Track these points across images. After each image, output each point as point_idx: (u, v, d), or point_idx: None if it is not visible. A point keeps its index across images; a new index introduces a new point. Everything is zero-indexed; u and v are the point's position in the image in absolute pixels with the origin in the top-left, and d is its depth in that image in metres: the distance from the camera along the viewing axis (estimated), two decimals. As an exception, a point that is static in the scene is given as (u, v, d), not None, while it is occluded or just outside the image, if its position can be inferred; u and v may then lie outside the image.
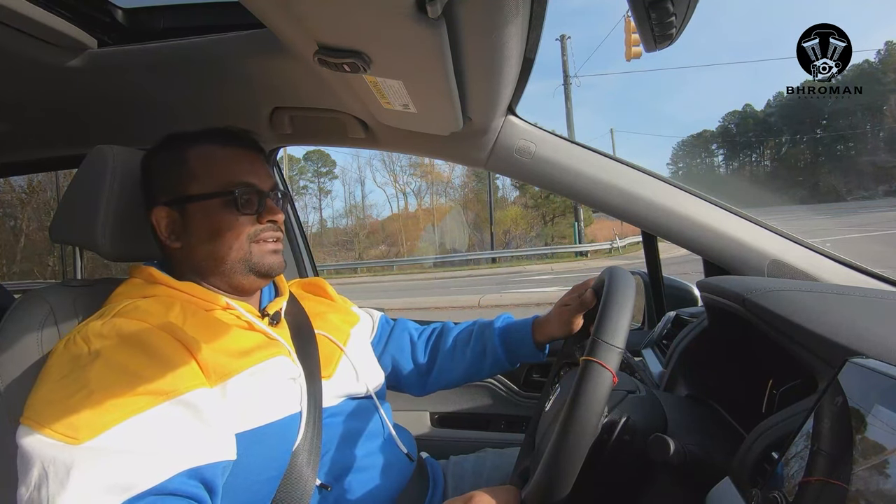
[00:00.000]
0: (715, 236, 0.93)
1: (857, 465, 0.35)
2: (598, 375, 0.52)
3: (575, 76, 17.14)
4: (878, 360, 0.40)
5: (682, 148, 60.11)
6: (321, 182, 35.21)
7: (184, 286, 0.71)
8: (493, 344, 0.92)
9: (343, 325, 0.89)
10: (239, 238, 0.73)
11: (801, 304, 0.55)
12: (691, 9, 0.45)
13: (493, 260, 17.31)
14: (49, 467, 0.51)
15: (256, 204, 0.74)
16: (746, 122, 52.93)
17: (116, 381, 0.56)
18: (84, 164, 0.77)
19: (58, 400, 0.55)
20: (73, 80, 0.91)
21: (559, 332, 0.89)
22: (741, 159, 54.72)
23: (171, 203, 0.73)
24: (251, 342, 0.70)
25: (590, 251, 16.46)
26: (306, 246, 1.51)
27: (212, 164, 0.74)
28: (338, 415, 0.77)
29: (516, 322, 0.95)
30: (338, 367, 0.80)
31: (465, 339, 0.97)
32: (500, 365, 0.93)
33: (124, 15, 0.87)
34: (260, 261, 0.74)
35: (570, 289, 0.89)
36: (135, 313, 0.64)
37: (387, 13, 0.51)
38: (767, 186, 44.94)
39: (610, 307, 0.56)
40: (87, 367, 0.57)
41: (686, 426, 0.64)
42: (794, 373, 0.59)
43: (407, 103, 0.78)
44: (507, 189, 27.11)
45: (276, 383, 0.68)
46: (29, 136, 1.20)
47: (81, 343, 0.60)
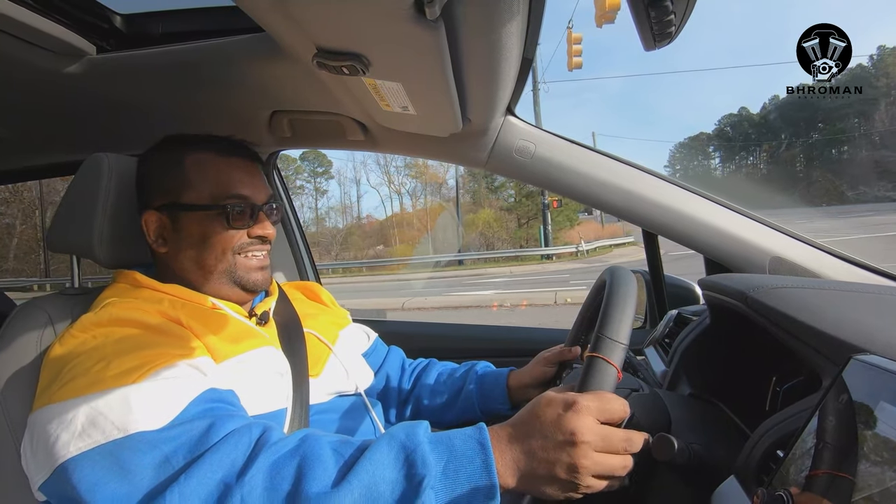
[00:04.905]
0: (716, 234, 0.93)
1: (862, 462, 0.35)
2: (602, 371, 0.51)
3: (543, 82, 17.54)
4: (882, 357, 0.40)
5: (679, 150, 61.35)
6: (317, 182, 35.59)
7: (168, 288, 0.71)
8: (470, 383, 0.93)
9: (332, 326, 0.89)
10: (224, 249, 0.73)
11: (804, 301, 0.55)
12: (690, 7, 0.45)
13: (461, 262, 17.70)
14: (98, 408, 0.51)
15: (248, 217, 0.74)
16: (742, 124, 54.65)
17: (131, 349, 0.57)
18: (80, 172, 0.77)
19: (75, 376, 0.54)
20: (71, 86, 0.91)
21: (528, 379, 0.89)
22: (737, 161, 56.22)
23: (162, 208, 0.73)
24: (239, 333, 0.70)
25: (555, 254, 17.15)
26: (306, 247, 1.51)
27: (208, 172, 0.74)
28: (326, 412, 0.76)
29: (495, 370, 0.96)
30: (326, 366, 0.80)
31: (447, 375, 0.98)
32: (471, 407, 0.91)
33: (122, 21, 0.87)
34: (245, 276, 0.74)
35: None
36: (126, 304, 0.65)
37: (385, 15, 0.51)
38: (764, 188, 45.54)
39: (612, 304, 0.56)
40: (97, 347, 0.57)
41: (690, 425, 0.64)
42: (797, 370, 0.59)
43: (406, 105, 0.78)
44: (481, 193, 27.44)
45: (263, 375, 0.68)
46: (26, 142, 1.20)
47: (80, 334, 0.60)
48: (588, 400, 0.50)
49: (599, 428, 0.49)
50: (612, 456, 0.50)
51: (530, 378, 0.89)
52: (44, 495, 0.53)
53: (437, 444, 0.49)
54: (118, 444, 0.49)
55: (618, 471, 0.50)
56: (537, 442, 0.49)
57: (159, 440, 0.49)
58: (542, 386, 0.89)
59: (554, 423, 0.49)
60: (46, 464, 0.51)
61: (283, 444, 0.50)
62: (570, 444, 0.48)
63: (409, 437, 0.50)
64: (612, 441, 0.49)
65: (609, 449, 0.49)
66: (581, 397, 0.50)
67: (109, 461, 0.48)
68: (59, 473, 0.50)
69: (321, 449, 0.49)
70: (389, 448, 0.49)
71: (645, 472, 0.59)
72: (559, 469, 0.48)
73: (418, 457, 0.48)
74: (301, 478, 0.47)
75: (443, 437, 0.51)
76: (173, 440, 0.50)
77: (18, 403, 0.65)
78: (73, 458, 0.49)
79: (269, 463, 0.48)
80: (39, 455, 0.52)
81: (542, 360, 0.90)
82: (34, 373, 0.65)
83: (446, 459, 0.48)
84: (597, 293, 0.81)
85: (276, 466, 0.48)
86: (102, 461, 0.48)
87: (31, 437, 0.54)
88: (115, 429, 0.50)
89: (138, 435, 0.49)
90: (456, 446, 0.49)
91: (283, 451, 0.49)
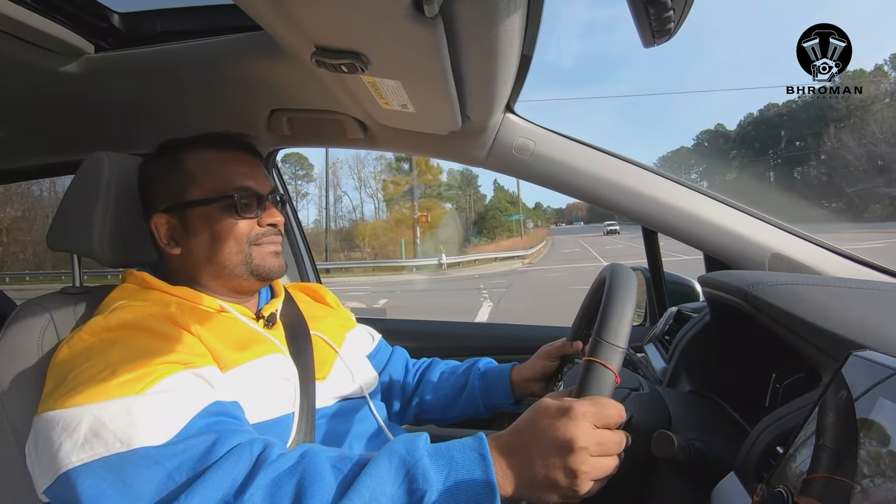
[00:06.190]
0: (715, 231, 0.93)
1: (861, 459, 0.35)
2: (600, 376, 0.52)
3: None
4: (882, 354, 0.40)
5: (662, 164, 67.66)
6: (297, 185, 36.57)
7: (177, 290, 0.71)
8: (473, 379, 0.94)
9: (339, 328, 0.89)
10: (239, 241, 0.73)
11: (804, 298, 0.55)
12: (689, 4, 0.45)
13: (328, 270, 19.44)
14: (101, 418, 0.51)
15: (256, 207, 0.74)
16: (717, 139, 60.58)
17: (137, 357, 0.56)
18: (80, 171, 0.77)
19: (81, 382, 0.54)
20: (69, 85, 0.91)
21: (530, 373, 0.90)
22: (713, 173, 61.37)
23: (170, 209, 0.73)
24: (246, 339, 0.70)
25: (417, 266, 19.08)
26: (307, 247, 1.51)
27: (210, 168, 0.74)
28: (332, 415, 0.77)
29: (498, 365, 0.97)
30: (332, 369, 0.80)
31: (449, 372, 0.98)
32: (474, 402, 0.93)
33: (121, 19, 0.87)
34: (261, 264, 0.75)
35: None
36: (135, 308, 0.65)
37: (384, 13, 0.51)
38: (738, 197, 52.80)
39: (611, 306, 0.56)
40: (104, 353, 0.57)
41: (690, 422, 0.64)
42: (797, 367, 0.59)
43: (405, 103, 0.78)
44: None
45: (269, 382, 0.68)
46: (25, 142, 1.20)
47: (88, 337, 0.60)
48: (584, 406, 0.50)
49: (596, 433, 0.50)
50: (609, 458, 0.50)
51: (532, 372, 0.90)
52: (47, 498, 0.54)
53: (438, 458, 0.50)
54: (121, 458, 0.49)
55: (614, 472, 0.51)
56: (536, 450, 0.50)
57: (162, 456, 0.49)
58: (544, 380, 0.90)
59: (551, 431, 0.50)
60: (50, 470, 0.51)
61: (283, 460, 0.50)
62: (568, 452, 0.48)
63: (409, 452, 0.50)
64: (608, 446, 0.50)
65: (606, 453, 0.50)
66: (577, 403, 0.50)
67: (112, 475, 0.48)
68: (62, 481, 0.50)
69: (321, 465, 0.50)
70: (389, 463, 0.49)
71: (646, 470, 0.59)
72: (558, 476, 0.49)
73: (419, 472, 0.48)
74: (301, 495, 0.47)
75: (442, 448, 0.51)
76: (176, 456, 0.50)
77: (20, 402, 0.65)
78: (76, 469, 0.49)
79: (268, 480, 0.48)
80: (43, 460, 0.52)
81: (544, 353, 0.90)
82: (36, 371, 0.66)
83: (447, 472, 0.48)
84: (598, 289, 0.81)
85: (276, 484, 0.48)
86: (105, 474, 0.48)
87: (35, 441, 0.54)
88: (118, 441, 0.49)
89: (142, 450, 0.49)
90: (456, 458, 0.49)
91: (282, 469, 0.50)
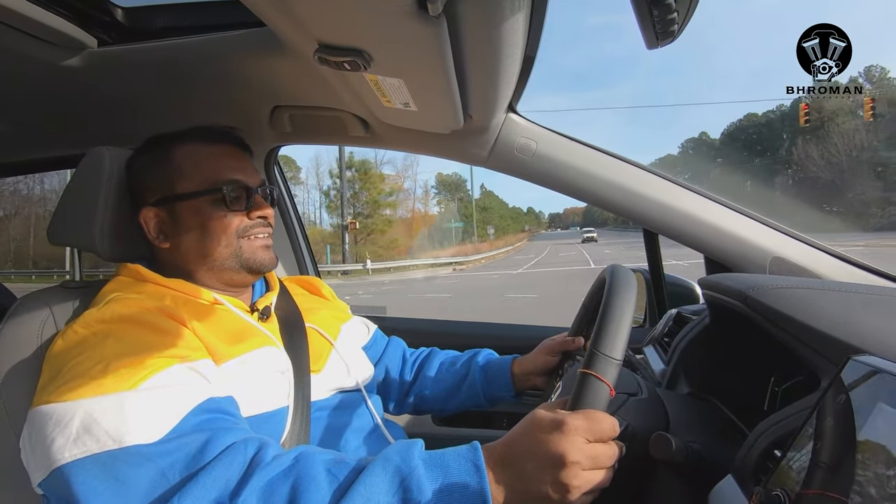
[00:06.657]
0: (716, 233, 0.93)
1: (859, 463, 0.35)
2: (595, 389, 0.51)
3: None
4: (880, 358, 0.40)
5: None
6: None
7: (172, 283, 0.71)
8: (474, 371, 0.94)
9: (334, 320, 0.89)
10: (228, 234, 0.73)
11: (804, 302, 0.55)
12: (693, 6, 0.45)
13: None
14: (93, 414, 0.50)
15: (245, 200, 0.74)
16: (701, 147, 62.83)
17: (131, 351, 0.56)
18: (81, 165, 0.77)
19: (74, 377, 0.54)
20: (72, 79, 0.91)
21: (532, 367, 0.91)
22: (698, 180, 62.75)
23: (159, 203, 0.73)
24: (240, 332, 0.70)
25: (351, 270, 20.54)
26: (306, 242, 1.51)
27: (199, 162, 0.74)
28: (327, 408, 0.77)
29: (499, 357, 0.97)
30: (328, 362, 0.80)
31: (449, 363, 0.98)
32: (475, 394, 0.93)
33: (124, 14, 0.87)
34: (251, 256, 0.75)
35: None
36: (129, 300, 0.65)
37: (387, 11, 0.51)
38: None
39: (608, 316, 0.55)
40: (97, 346, 0.57)
41: (688, 424, 0.64)
42: (796, 370, 0.59)
43: (407, 101, 0.78)
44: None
45: (263, 375, 0.68)
46: (27, 136, 1.20)
47: (82, 329, 0.60)
48: (577, 420, 0.50)
49: (588, 447, 0.50)
50: (601, 472, 0.51)
51: (533, 366, 0.90)
52: (42, 491, 0.54)
53: (432, 467, 0.50)
54: (113, 456, 0.49)
55: (606, 483, 0.51)
56: (528, 463, 0.50)
57: (154, 454, 0.49)
58: (545, 374, 0.90)
59: (544, 445, 0.50)
60: (43, 464, 0.51)
61: (278, 463, 0.50)
62: (560, 466, 0.49)
63: (404, 461, 0.50)
64: (600, 459, 0.50)
65: (598, 466, 0.50)
66: (570, 417, 0.51)
67: (104, 472, 0.48)
68: (55, 476, 0.50)
69: (315, 470, 0.50)
70: (384, 471, 0.49)
71: (643, 472, 0.59)
72: (550, 490, 0.49)
73: (413, 482, 0.48)
74: (295, 500, 0.47)
75: (437, 457, 0.51)
76: (169, 454, 0.49)
77: (19, 395, 0.65)
78: (68, 465, 0.49)
79: (262, 483, 0.48)
80: (37, 454, 0.52)
81: (546, 348, 0.90)
82: (35, 365, 0.65)
83: (441, 482, 0.49)
84: (598, 289, 0.81)
85: (270, 487, 0.48)
86: (97, 471, 0.48)
87: (29, 434, 0.54)
88: (110, 438, 0.49)
89: (134, 448, 0.49)
90: (451, 467, 0.49)
91: (277, 472, 0.49)
